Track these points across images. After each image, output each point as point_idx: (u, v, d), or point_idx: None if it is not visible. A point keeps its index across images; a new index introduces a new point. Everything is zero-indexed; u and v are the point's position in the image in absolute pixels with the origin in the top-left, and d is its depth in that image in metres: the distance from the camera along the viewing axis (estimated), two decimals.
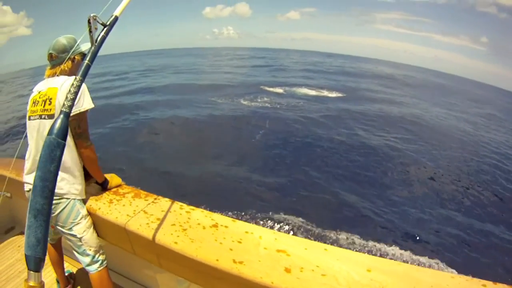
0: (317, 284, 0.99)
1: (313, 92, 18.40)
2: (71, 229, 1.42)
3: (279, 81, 22.13)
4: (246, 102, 14.19)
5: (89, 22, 0.87)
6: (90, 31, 0.87)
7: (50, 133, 0.74)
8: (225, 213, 4.76)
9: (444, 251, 4.84)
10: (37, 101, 1.40)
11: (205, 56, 73.10)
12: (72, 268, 1.96)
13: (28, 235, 0.66)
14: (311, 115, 12.19)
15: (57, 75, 1.39)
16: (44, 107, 1.36)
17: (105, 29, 0.90)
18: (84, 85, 1.46)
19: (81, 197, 1.46)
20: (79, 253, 1.48)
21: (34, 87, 1.47)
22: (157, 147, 8.48)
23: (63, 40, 1.41)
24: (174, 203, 1.52)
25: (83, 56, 1.45)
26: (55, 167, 0.72)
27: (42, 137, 1.36)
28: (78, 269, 1.96)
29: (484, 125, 16.16)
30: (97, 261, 1.48)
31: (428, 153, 9.21)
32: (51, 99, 1.35)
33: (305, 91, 18.55)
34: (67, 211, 1.40)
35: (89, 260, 1.47)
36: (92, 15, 0.87)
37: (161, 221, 1.37)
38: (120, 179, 1.72)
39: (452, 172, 8.06)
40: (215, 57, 66.75)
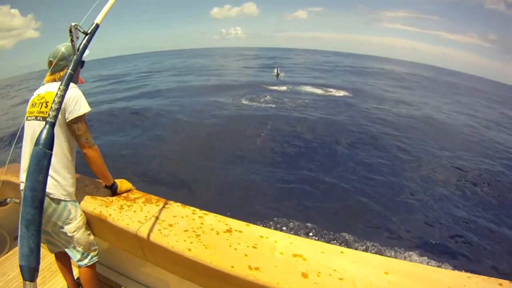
0: None
1: (320, 91, 18.24)
2: (62, 227, 1.49)
3: (288, 81, 22.00)
4: (254, 103, 14.03)
5: (70, 31, 0.88)
6: (72, 40, 0.88)
7: (37, 143, 0.75)
8: (237, 217, 4.64)
9: (460, 255, 4.69)
10: (35, 103, 1.49)
11: (213, 56, 73.40)
12: None
13: (21, 245, 0.68)
14: (319, 114, 12.04)
15: (56, 81, 1.49)
16: (40, 109, 1.45)
17: (87, 37, 0.92)
18: (79, 91, 1.50)
19: (71, 199, 1.51)
20: (69, 249, 1.56)
21: (35, 91, 1.56)
22: (164, 150, 8.43)
23: (62, 48, 1.48)
24: (186, 207, 1.49)
25: (82, 64, 1.50)
26: (43, 177, 0.73)
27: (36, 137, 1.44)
28: None
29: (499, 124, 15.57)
30: (87, 257, 1.57)
31: (440, 154, 8.94)
32: (48, 102, 1.43)
33: (311, 89, 18.39)
34: (58, 212, 1.46)
35: (79, 256, 1.55)
36: (73, 24, 0.89)
37: (174, 227, 1.33)
38: (130, 184, 1.73)
39: (469, 174, 7.71)
40: (222, 57, 66.94)
